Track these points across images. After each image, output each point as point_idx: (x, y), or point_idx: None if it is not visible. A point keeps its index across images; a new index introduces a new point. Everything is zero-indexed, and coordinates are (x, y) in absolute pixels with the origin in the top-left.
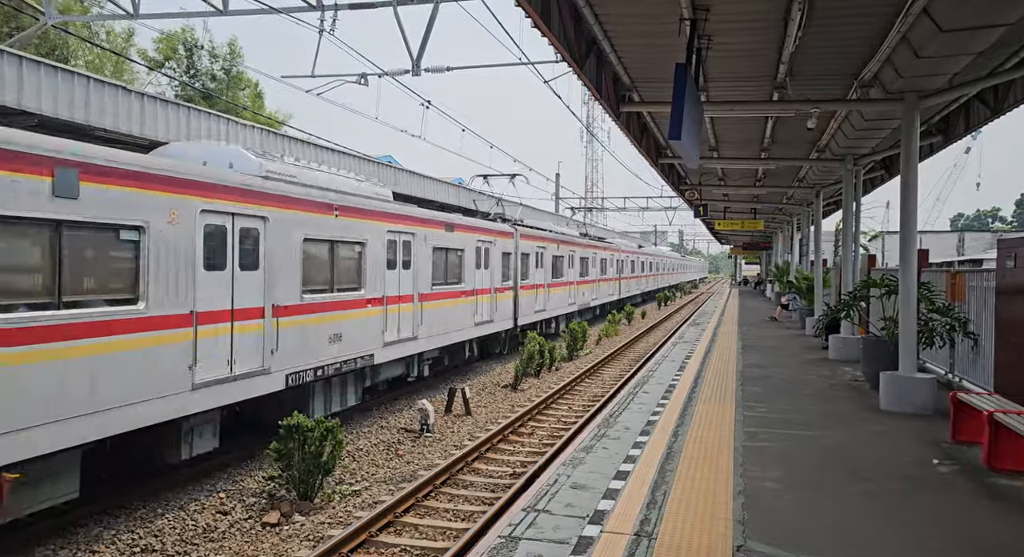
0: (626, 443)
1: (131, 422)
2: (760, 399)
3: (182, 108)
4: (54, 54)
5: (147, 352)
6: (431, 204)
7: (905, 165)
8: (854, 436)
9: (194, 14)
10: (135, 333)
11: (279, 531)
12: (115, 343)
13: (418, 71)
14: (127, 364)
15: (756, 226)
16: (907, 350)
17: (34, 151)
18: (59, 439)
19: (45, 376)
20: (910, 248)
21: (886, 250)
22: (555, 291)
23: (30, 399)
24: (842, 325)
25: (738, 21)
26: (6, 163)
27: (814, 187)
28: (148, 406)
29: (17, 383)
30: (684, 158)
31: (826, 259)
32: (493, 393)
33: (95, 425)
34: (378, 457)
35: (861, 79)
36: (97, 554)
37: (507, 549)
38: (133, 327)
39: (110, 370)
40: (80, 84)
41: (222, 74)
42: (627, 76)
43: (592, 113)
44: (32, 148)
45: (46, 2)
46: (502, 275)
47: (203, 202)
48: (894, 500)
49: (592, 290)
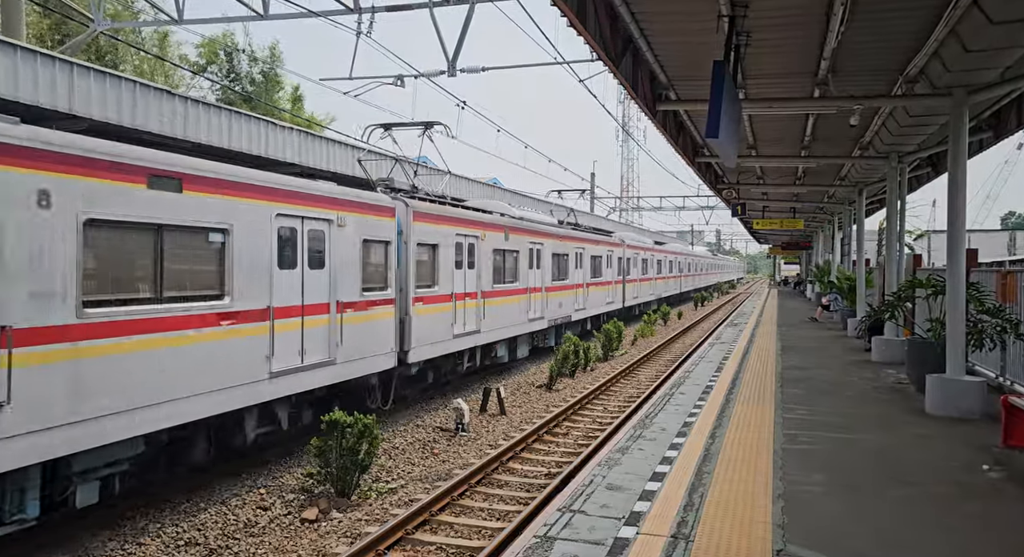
0: (662, 444)
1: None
2: (800, 401)
3: (224, 111)
4: (104, 59)
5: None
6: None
7: (953, 162)
8: (898, 440)
9: (235, 19)
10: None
11: (317, 527)
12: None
13: (454, 72)
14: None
15: (796, 225)
16: (955, 352)
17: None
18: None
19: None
20: (958, 247)
21: (932, 249)
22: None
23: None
24: (886, 326)
25: (778, 17)
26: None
27: (857, 185)
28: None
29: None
30: (722, 156)
31: (869, 259)
32: (528, 393)
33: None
34: (414, 455)
35: (906, 74)
36: (143, 546)
37: (542, 549)
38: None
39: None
40: (127, 89)
41: (261, 77)
42: (664, 74)
43: (628, 112)
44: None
45: (95, 9)
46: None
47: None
48: (941, 506)
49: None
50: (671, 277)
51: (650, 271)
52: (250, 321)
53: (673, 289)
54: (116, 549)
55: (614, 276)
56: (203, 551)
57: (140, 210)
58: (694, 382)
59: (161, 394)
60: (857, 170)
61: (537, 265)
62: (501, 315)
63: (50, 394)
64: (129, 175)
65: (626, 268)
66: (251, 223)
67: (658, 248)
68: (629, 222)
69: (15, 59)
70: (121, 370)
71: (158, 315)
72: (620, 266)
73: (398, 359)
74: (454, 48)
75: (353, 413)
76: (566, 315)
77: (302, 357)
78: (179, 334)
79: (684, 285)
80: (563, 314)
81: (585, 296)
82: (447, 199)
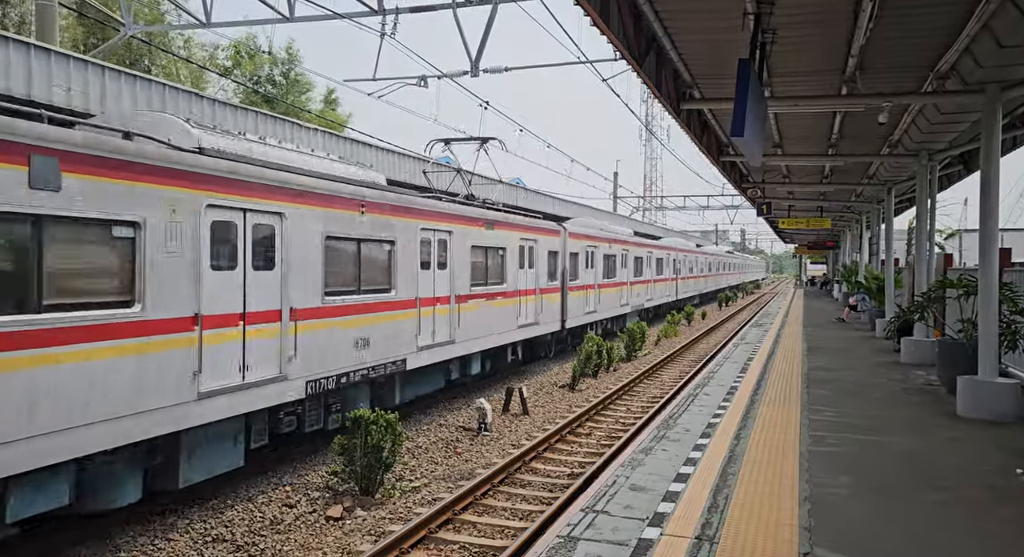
0: (686, 445)
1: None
2: (827, 402)
3: (249, 112)
4: (139, 63)
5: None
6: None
7: (985, 160)
8: (928, 442)
9: (261, 21)
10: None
11: (342, 525)
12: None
13: (476, 72)
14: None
15: (822, 224)
16: (987, 353)
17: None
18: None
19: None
20: (991, 246)
21: (964, 249)
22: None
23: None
24: (915, 327)
25: (805, 14)
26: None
27: (885, 184)
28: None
29: None
30: (747, 155)
31: (897, 259)
32: (550, 393)
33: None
34: (437, 455)
35: (937, 71)
36: (172, 542)
37: (566, 549)
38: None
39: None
40: (156, 91)
41: (281, 78)
42: (688, 73)
43: (651, 111)
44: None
45: (126, 13)
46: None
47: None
48: (974, 510)
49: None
50: (666, 279)
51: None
52: (512, 296)
53: (685, 292)
54: (146, 544)
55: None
56: (230, 547)
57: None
58: (718, 383)
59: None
60: (886, 168)
61: (624, 264)
62: (609, 298)
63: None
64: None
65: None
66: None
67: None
68: (653, 221)
69: (49, 63)
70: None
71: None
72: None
73: (562, 325)
74: (477, 48)
75: (375, 409)
76: (640, 304)
77: (537, 317)
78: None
79: (683, 289)
80: (638, 303)
81: (652, 288)
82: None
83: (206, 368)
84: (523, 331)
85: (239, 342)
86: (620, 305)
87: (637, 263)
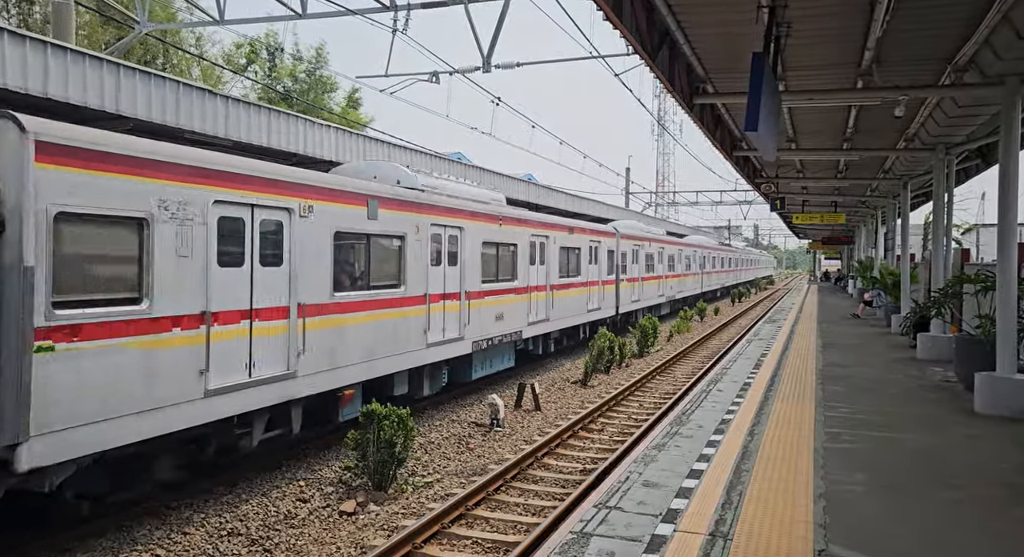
0: (699, 441)
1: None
2: (842, 399)
3: (263, 110)
4: (156, 62)
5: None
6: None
7: (1004, 153)
8: (945, 440)
9: (274, 18)
10: (403, 307)
11: (355, 520)
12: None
13: (488, 68)
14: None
15: (837, 220)
16: (1006, 350)
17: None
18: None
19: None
20: (1009, 241)
21: (981, 244)
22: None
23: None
24: (932, 323)
25: (820, 6)
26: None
27: (901, 178)
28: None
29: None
30: (761, 150)
31: (913, 254)
32: (563, 389)
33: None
34: (449, 450)
35: (955, 63)
36: (188, 536)
37: (578, 545)
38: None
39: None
40: (171, 89)
41: (304, 76)
42: (701, 67)
43: (664, 106)
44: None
45: (140, 11)
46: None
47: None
48: (991, 508)
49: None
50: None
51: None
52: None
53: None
54: (163, 538)
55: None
56: (245, 541)
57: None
58: (732, 379)
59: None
60: (902, 163)
61: (660, 261)
62: (650, 289)
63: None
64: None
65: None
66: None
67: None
68: (665, 217)
69: (65, 61)
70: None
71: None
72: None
73: (616, 310)
74: (489, 44)
75: (386, 405)
76: (672, 295)
77: (600, 304)
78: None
79: (707, 283)
80: (671, 294)
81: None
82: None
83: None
84: (590, 314)
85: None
86: (658, 295)
87: (670, 259)
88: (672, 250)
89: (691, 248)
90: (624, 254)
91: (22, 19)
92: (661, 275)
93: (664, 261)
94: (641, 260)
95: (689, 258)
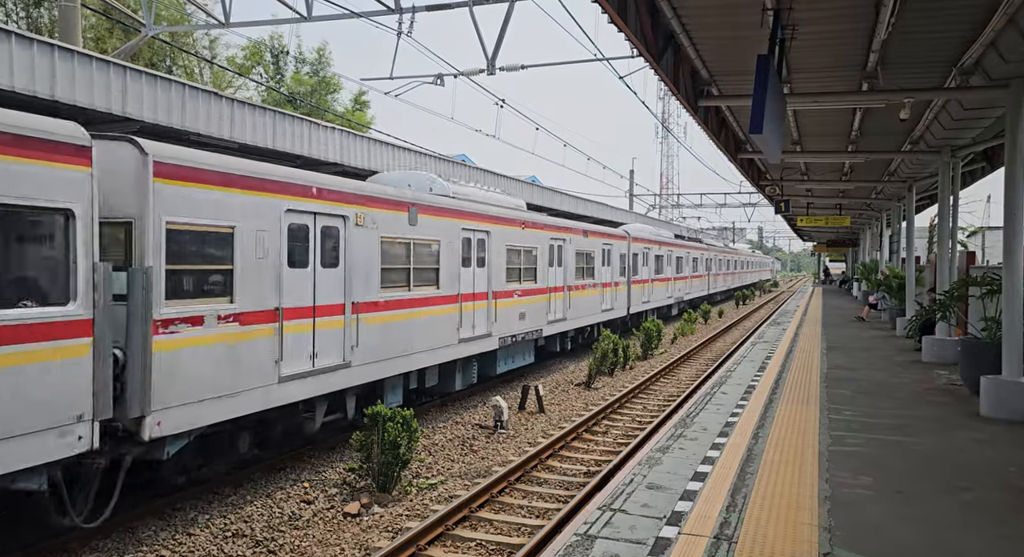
0: (704, 444)
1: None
2: (847, 402)
3: (268, 112)
4: (164, 64)
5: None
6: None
7: (1010, 156)
8: (951, 443)
9: (279, 21)
10: (438, 305)
11: (359, 521)
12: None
13: (493, 70)
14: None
15: (842, 222)
16: (1011, 353)
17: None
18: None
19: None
20: (1015, 244)
21: (987, 247)
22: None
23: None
24: (937, 326)
25: (825, 9)
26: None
27: (906, 181)
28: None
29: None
30: (765, 153)
31: (919, 256)
32: (566, 391)
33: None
34: (453, 452)
35: (961, 66)
36: (193, 537)
37: (583, 547)
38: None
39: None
40: (176, 91)
41: (308, 77)
42: (706, 70)
43: (668, 108)
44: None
45: (147, 14)
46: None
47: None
48: (999, 512)
49: None
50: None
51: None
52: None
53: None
54: (168, 538)
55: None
56: (249, 542)
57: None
58: (736, 382)
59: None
60: (907, 165)
61: (668, 263)
62: (659, 291)
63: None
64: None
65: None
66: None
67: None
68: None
69: (72, 64)
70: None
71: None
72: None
73: (627, 311)
74: (493, 46)
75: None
76: (680, 296)
77: (612, 304)
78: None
79: (714, 285)
80: (679, 296)
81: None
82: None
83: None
84: (604, 314)
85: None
86: (666, 297)
87: (678, 262)
88: (680, 253)
89: (698, 251)
90: (635, 256)
91: (30, 22)
92: (670, 277)
93: (672, 263)
94: (651, 262)
95: (696, 260)
